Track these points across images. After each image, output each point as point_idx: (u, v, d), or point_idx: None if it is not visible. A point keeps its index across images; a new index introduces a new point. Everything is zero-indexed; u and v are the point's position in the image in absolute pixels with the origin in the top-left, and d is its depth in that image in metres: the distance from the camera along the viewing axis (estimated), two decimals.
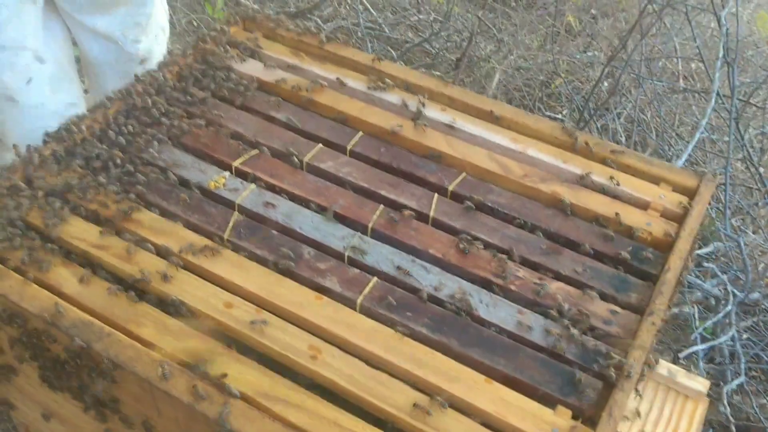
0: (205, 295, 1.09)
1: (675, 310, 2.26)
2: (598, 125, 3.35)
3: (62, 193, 1.19)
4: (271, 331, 1.05)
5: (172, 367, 0.99)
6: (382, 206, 1.25)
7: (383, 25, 4.23)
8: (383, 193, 1.27)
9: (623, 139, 3.43)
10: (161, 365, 0.98)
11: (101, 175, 1.23)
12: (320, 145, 1.35)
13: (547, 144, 1.37)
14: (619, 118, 3.51)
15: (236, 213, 1.22)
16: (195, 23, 3.97)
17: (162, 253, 1.14)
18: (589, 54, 3.85)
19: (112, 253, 1.13)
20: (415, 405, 0.97)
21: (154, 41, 1.97)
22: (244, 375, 1.00)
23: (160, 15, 2.02)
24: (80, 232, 1.15)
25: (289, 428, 0.94)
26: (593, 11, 3.97)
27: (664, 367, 1.41)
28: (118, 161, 1.26)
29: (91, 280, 1.09)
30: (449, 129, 1.39)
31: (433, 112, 1.41)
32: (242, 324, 1.05)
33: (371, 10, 4.33)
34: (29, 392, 1.24)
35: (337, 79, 1.46)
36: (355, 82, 1.47)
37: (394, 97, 1.44)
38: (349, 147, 1.34)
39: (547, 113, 3.58)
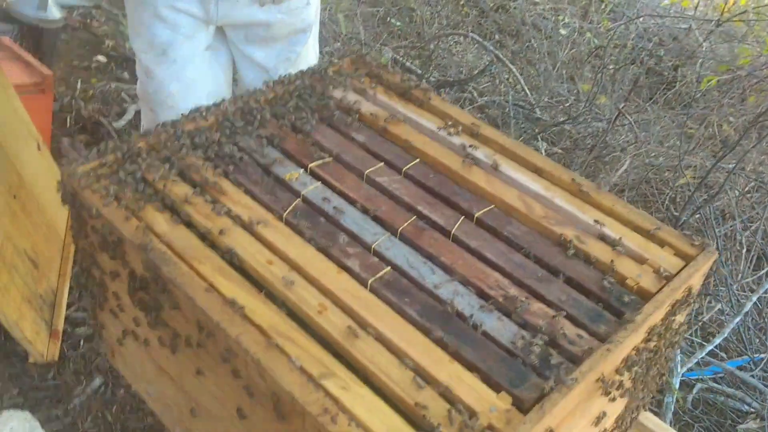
0: (253, 251, 1.39)
1: None
2: (720, 232, 3.38)
3: (171, 159, 1.56)
4: (294, 287, 1.33)
5: (212, 293, 1.29)
6: (414, 217, 1.51)
7: (535, 107, 4.48)
8: (419, 208, 1.53)
9: (744, 250, 3.43)
10: (206, 290, 1.29)
11: (207, 151, 1.59)
12: (382, 163, 1.63)
13: (572, 195, 1.57)
14: (745, 231, 3.52)
15: (299, 200, 1.53)
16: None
17: (233, 216, 1.46)
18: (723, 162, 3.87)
19: (196, 209, 1.47)
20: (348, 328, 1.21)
21: None
22: (263, 312, 1.28)
23: (310, 56, 2.42)
24: (177, 189, 1.51)
25: (286, 357, 1.21)
26: (733, 119, 4.01)
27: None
28: (223, 145, 1.62)
29: (175, 225, 1.44)
30: (493, 170, 1.63)
31: (483, 155, 1.66)
32: (274, 276, 1.35)
33: (527, 90, 4.61)
34: (118, 313, 1.59)
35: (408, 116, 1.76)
36: (428, 122, 1.75)
37: (453, 137, 1.71)
38: (404, 169, 1.62)
39: (675, 213, 3.65)
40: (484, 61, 4.96)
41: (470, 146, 1.68)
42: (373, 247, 1.44)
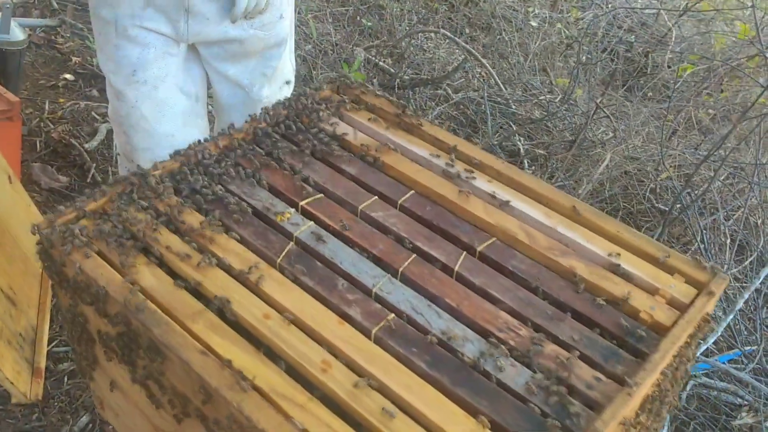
0: (248, 304, 1.32)
1: None
2: (702, 224, 3.37)
3: (154, 205, 1.47)
4: (294, 343, 1.26)
5: (208, 356, 1.22)
6: (414, 255, 1.44)
7: (510, 101, 4.43)
8: (418, 244, 1.46)
9: (728, 240, 3.43)
10: (202, 352, 1.21)
11: (191, 195, 1.51)
12: (376, 197, 1.56)
13: (575, 223, 1.51)
14: (728, 221, 3.51)
15: (292, 243, 1.45)
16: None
17: (224, 265, 1.38)
18: (703, 152, 3.86)
19: (184, 260, 1.39)
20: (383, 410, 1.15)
21: (278, 91, 2.29)
22: (264, 373, 1.21)
23: (286, 69, 2.33)
24: (162, 239, 1.42)
25: (288, 420, 1.14)
26: (711, 111, 4.00)
27: None
28: (208, 187, 1.53)
29: (163, 278, 1.35)
30: (491, 198, 1.57)
31: (480, 182, 1.60)
32: (272, 332, 1.27)
33: (501, 85, 4.56)
34: (106, 366, 1.51)
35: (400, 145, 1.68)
36: (420, 149, 1.68)
37: (447, 164, 1.64)
38: (399, 201, 1.55)
39: (657, 205, 3.63)
40: (456, 57, 4.90)
41: (466, 174, 1.61)
42: (374, 291, 1.37)
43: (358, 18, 5.05)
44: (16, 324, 2.15)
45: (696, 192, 3.16)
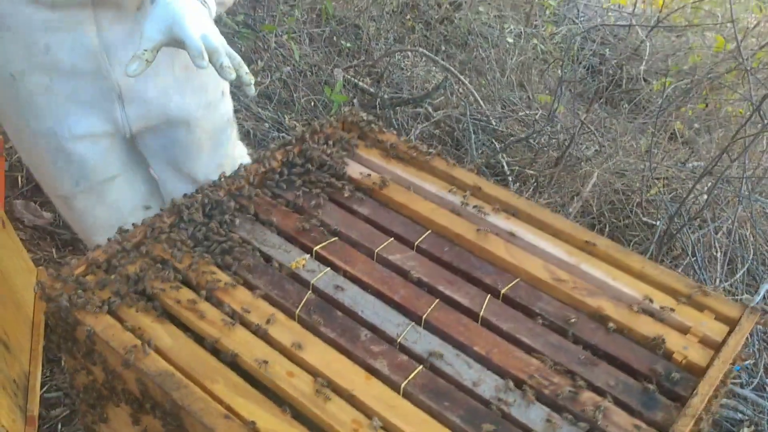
0: (271, 362, 1.25)
1: None
2: (693, 238, 3.37)
3: (164, 260, 1.41)
4: (321, 402, 1.20)
5: (232, 420, 1.15)
6: (438, 300, 1.39)
7: (491, 118, 4.42)
8: (440, 288, 1.41)
9: (719, 254, 3.43)
10: (225, 416, 1.15)
11: (202, 245, 1.44)
12: (392, 238, 1.51)
13: (599, 260, 1.48)
14: (716, 233, 3.52)
15: (309, 292, 1.39)
16: (313, 103, 4.30)
17: (241, 319, 1.32)
18: (690, 165, 3.88)
19: (199, 316, 1.32)
20: None
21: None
22: None
23: (237, 150, 2.14)
24: (175, 294, 1.35)
25: None
26: (696, 125, 4.03)
27: None
28: (218, 236, 1.46)
29: (179, 336, 1.29)
30: (510, 236, 1.52)
31: (497, 219, 1.56)
32: (298, 392, 1.21)
33: (481, 102, 4.55)
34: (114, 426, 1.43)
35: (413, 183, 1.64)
36: (431, 185, 1.63)
37: (461, 200, 1.60)
38: (416, 243, 1.50)
39: (645, 219, 3.63)
40: (434, 74, 4.88)
41: (481, 211, 1.57)
42: (398, 341, 1.31)
43: (334, 38, 5.00)
44: (10, 369, 2.06)
45: (688, 208, 3.16)
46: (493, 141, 4.24)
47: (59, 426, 2.29)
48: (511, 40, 5.31)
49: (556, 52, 5.21)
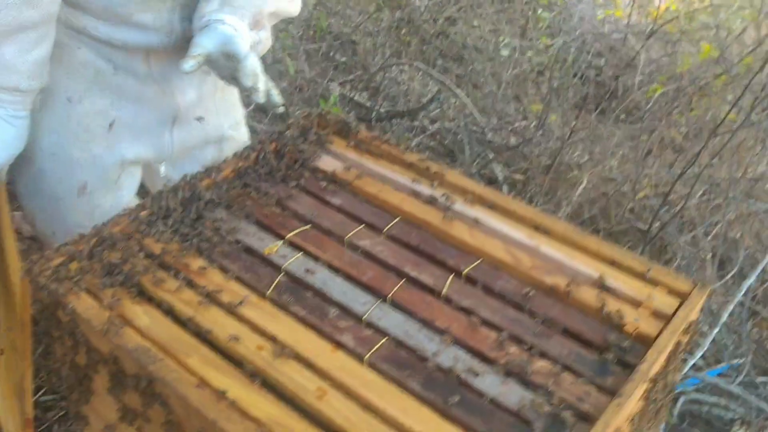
0: (241, 336, 1.33)
1: None
2: (684, 240, 3.42)
3: (141, 243, 1.49)
4: (288, 372, 1.27)
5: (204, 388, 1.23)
6: (403, 280, 1.46)
7: (486, 129, 4.50)
8: (406, 269, 1.49)
9: (709, 255, 3.48)
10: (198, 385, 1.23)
11: (178, 231, 1.53)
12: (362, 225, 1.59)
13: (557, 242, 1.55)
14: (707, 236, 3.57)
15: (281, 275, 1.47)
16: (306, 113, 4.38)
17: (215, 299, 1.40)
18: (677, 171, 3.93)
19: (175, 295, 1.40)
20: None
21: None
22: (260, 404, 1.22)
23: None
24: (155, 278, 1.44)
25: None
26: (683, 128, 4.09)
27: None
28: (194, 223, 1.55)
29: (156, 316, 1.37)
30: (474, 222, 1.60)
31: (463, 207, 1.63)
32: (266, 363, 1.29)
33: (475, 114, 4.63)
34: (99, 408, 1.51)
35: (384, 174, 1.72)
36: (402, 177, 1.72)
37: (429, 190, 1.68)
38: (385, 229, 1.58)
39: (636, 224, 3.69)
40: (429, 88, 4.98)
41: (447, 199, 1.65)
42: (364, 318, 1.39)
43: (331, 53, 5.12)
44: (16, 372, 2.13)
45: (674, 209, 3.22)
46: (488, 152, 4.32)
47: (54, 426, 2.35)
48: (506, 53, 5.41)
49: (551, 64, 5.29)
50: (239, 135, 2.10)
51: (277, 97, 1.72)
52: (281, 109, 1.73)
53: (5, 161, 1.66)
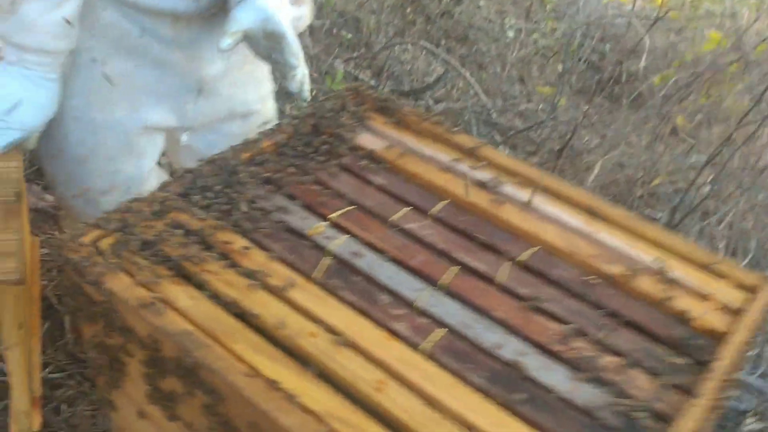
0: (291, 322, 1.24)
1: None
2: (696, 229, 3.38)
3: (181, 223, 1.40)
4: (345, 361, 1.19)
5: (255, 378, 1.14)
6: (454, 266, 1.38)
7: (492, 111, 4.43)
8: (457, 255, 1.41)
9: (721, 245, 3.45)
10: (248, 374, 1.14)
11: (218, 211, 1.43)
12: (408, 207, 1.50)
13: (616, 228, 1.47)
14: (719, 225, 3.53)
15: (328, 258, 1.38)
16: (314, 92, 4.29)
17: (261, 281, 1.31)
18: (692, 159, 3.89)
19: (218, 277, 1.31)
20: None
21: None
22: (316, 395, 1.14)
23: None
24: (195, 258, 1.34)
25: None
26: (699, 115, 4.04)
27: None
28: (236, 203, 1.46)
29: (199, 298, 1.28)
30: (525, 205, 1.52)
31: (512, 189, 1.55)
32: (321, 352, 1.20)
33: (481, 95, 4.55)
34: (131, 392, 1.42)
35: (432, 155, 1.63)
36: (447, 156, 1.63)
37: (476, 172, 1.59)
38: (431, 211, 1.50)
39: (646, 211, 3.64)
40: (434, 68, 4.89)
41: (496, 181, 1.56)
42: (418, 304, 1.31)
43: (334, 30, 5.00)
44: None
45: (691, 201, 3.17)
46: (494, 134, 4.25)
47: (63, 406, 2.26)
48: (511, 35, 5.33)
49: (557, 48, 5.22)
50: (266, 110, 2.03)
51: (307, 92, 1.64)
52: (304, 104, 1.65)
53: (39, 124, 1.58)
